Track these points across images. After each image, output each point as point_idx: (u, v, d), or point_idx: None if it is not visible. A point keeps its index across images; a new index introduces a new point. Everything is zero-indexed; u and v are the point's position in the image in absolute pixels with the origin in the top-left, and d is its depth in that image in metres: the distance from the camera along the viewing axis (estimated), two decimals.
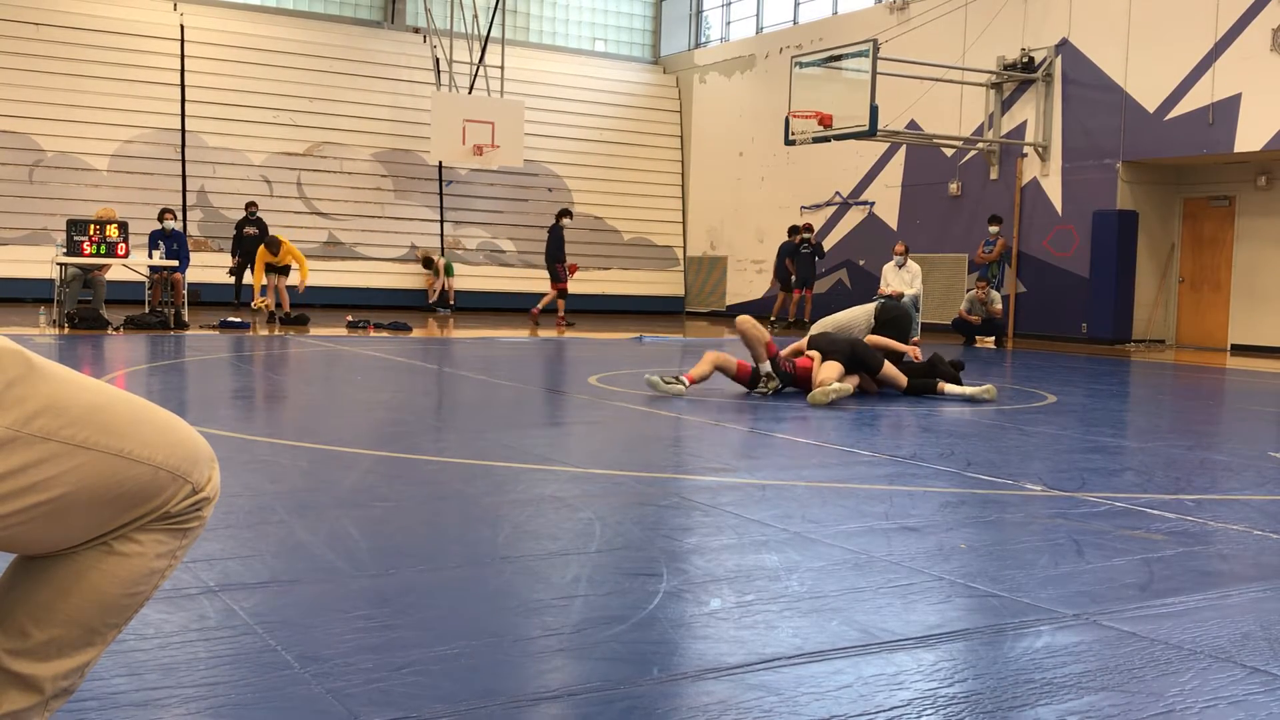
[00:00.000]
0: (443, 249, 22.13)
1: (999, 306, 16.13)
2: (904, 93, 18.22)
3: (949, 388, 8.28)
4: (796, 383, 8.24)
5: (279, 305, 16.16)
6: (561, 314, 17.77)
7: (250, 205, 18.61)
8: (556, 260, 17.68)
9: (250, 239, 18.20)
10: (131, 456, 1.51)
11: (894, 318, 8.69)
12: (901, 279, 16.30)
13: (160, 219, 15.04)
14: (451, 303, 20.94)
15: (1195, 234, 16.87)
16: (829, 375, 7.85)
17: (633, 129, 25.09)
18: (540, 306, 17.84)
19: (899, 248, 16.50)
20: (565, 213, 17.98)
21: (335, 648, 2.42)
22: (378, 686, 2.21)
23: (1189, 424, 7.51)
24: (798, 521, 3.85)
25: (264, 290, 16.24)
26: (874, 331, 8.57)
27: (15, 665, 1.52)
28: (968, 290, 16.86)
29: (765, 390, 8.07)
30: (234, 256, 18.63)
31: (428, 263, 21.22)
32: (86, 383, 1.50)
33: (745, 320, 8.15)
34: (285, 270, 16.29)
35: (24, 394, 1.40)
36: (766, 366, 8.11)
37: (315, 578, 2.98)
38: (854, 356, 8.17)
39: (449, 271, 21.12)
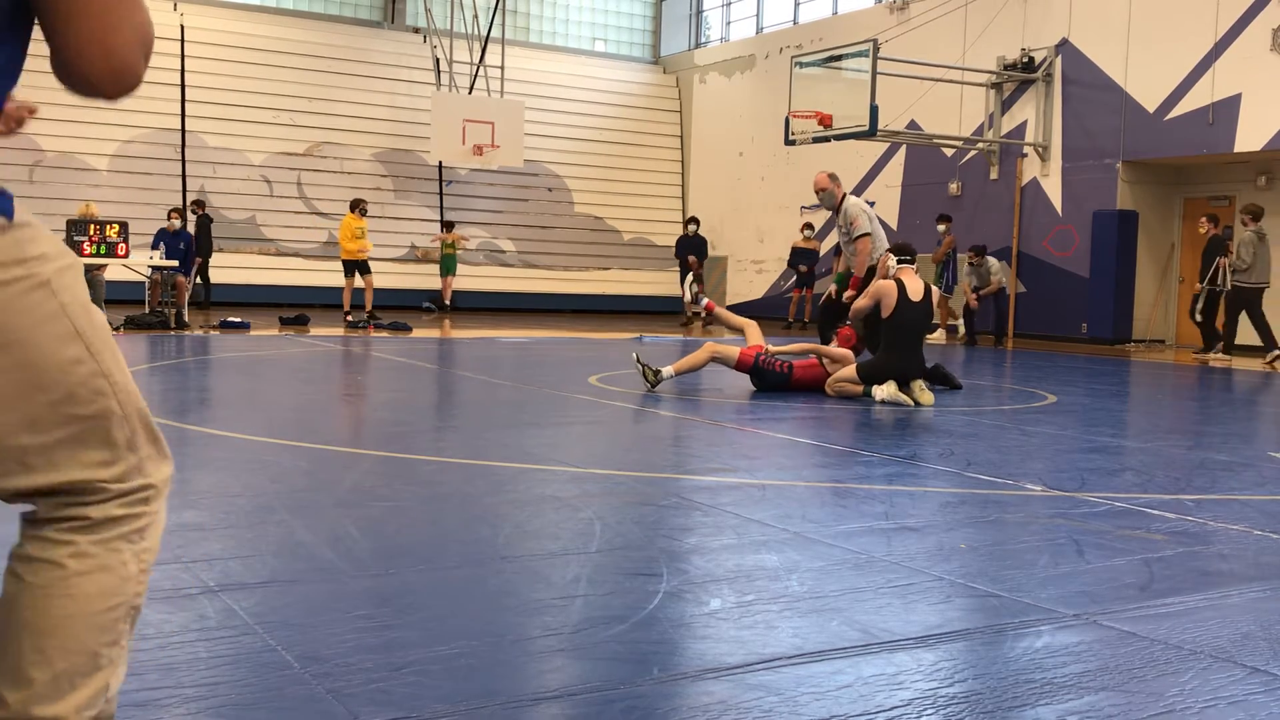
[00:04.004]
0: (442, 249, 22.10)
1: (999, 277, 15.99)
2: (904, 93, 18.21)
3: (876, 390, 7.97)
4: (792, 384, 8.21)
5: (359, 306, 16.05)
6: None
7: (194, 204, 18.48)
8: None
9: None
10: (112, 380, 1.52)
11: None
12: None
13: (169, 217, 15.11)
14: (448, 302, 20.68)
15: (1195, 234, 16.86)
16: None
17: (633, 129, 25.09)
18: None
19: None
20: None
21: (335, 648, 2.42)
22: (378, 686, 2.21)
23: (1189, 424, 7.50)
24: (798, 521, 3.85)
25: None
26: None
27: (36, 711, 1.49)
28: (967, 275, 16.53)
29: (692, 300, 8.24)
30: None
31: (449, 226, 20.81)
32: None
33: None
34: (363, 267, 16.14)
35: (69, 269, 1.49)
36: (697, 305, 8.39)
37: (315, 578, 2.98)
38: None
39: (450, 269, 20.79)
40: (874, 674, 2.38)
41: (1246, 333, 15.33)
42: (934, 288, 8.33)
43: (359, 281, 16.28)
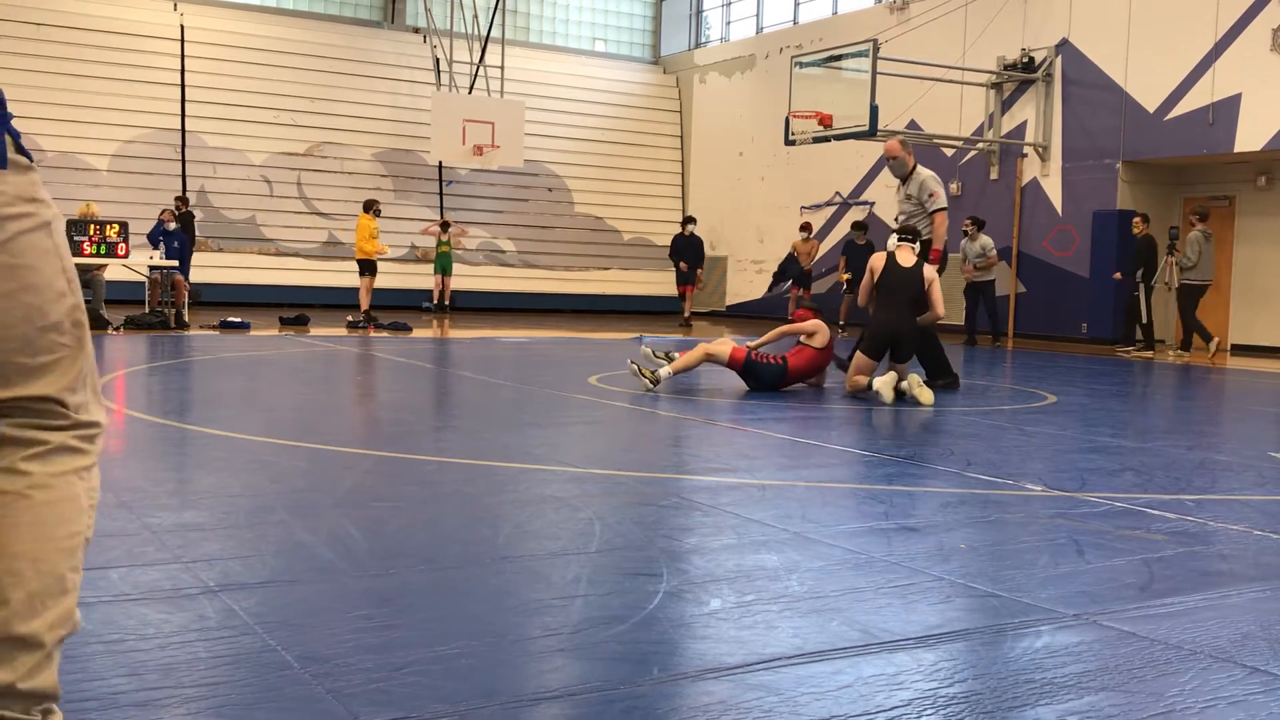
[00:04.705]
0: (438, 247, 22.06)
1: (994, 253, 15.79)
2: (904, 93, 18.21)
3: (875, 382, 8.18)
4: (789, 376, 8.25)
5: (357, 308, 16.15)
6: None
7: (178, 201, 17.98)
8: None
9: None
10: (85, 319, 1.68)
11: None
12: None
13: (160, 217, 15.09)
14: (448, 303, 20.54)
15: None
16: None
17: (633, 129, 25.09)
18: None
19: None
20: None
21: (335, 648, 2.42)
22: (378, 686, 2.21)
23: (1189, 424, 7.50)
24: (798, 521, 3.85)
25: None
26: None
27: (16, 628, 1.60)
28: (964, 246, 16.17)
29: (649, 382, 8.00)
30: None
31: (445, 226, 20.54)
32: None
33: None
34: (371, 268, 16.24)
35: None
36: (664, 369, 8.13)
37: (315, 578, 2.98)
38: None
39: (446, 269, 20.63)
40: (874, 674, 2.38)
41: (1248, 333, 15.32)
42: (928, 267, 8.39)
43: (363, 282, 16.34)
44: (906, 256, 8.26)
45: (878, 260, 8.27)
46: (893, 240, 8.41)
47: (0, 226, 1.55)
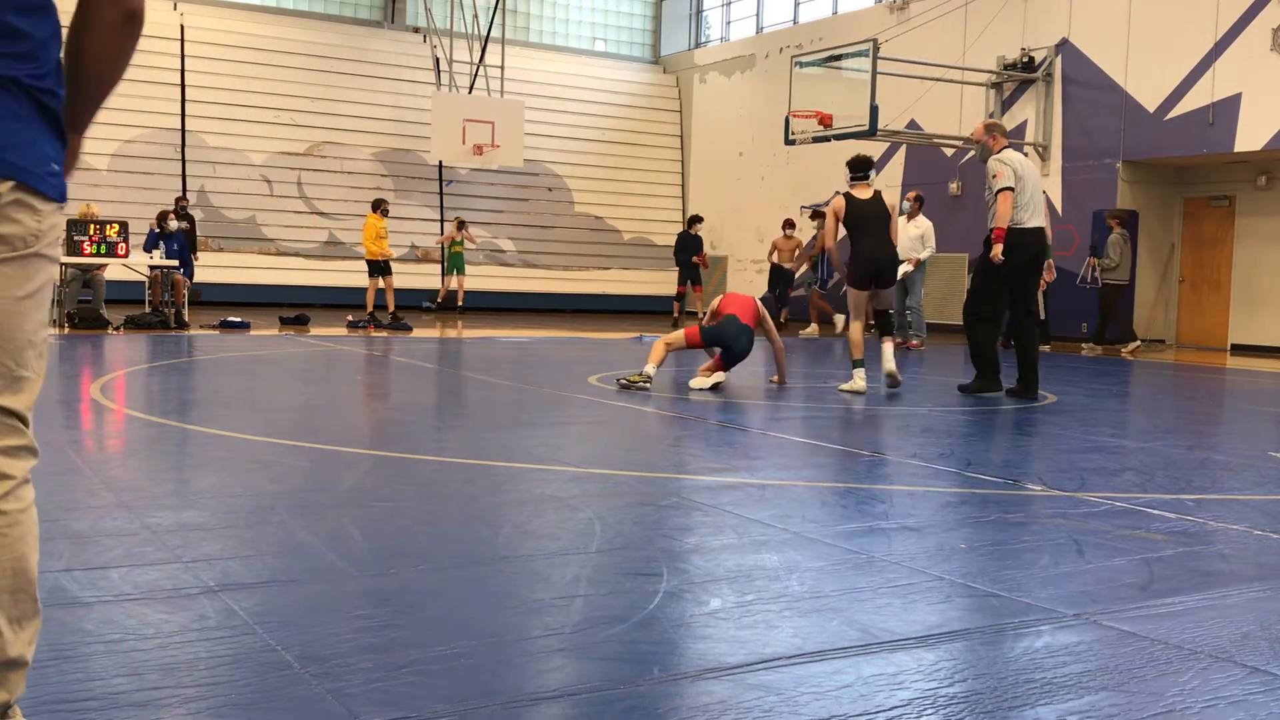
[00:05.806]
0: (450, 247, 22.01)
1: None
2: (904, 93, 18.20)
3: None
4: (748, 325, 8.39)
5: (381, 307, 16.12)
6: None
7: (179, 200, 17.53)
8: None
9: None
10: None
11: None
12: (908, 234, 14.06)
13: (164, 219, 15.04)
14: (460, 303, 20.36)
15: (1195, 234, 16.86)
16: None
17: (633, 129, 25.08)
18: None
19: (910, 195, 14.62)
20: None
21: (335, 648, 2.42)
22: (378, 686, 2.21)
23: (1189, 424, 7.50)
24: (798, 521, 3.85)
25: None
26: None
27: (7, 654, 1.71)
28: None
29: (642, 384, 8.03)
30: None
31: (461, 225, 20.43)
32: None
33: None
34: (385, 268, 16.25)
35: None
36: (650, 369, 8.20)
37: (315, 578, 2.98)
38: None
39: (459, 269, 20.44)
40: (874, 674, 2.38)
41: (1248, 333, 15.31)
42: (888, 197, 8.63)
43: (382, 282, 16.38)
44: (863, 190, 8.46)
45: (838, 202, 8.42)
46: (847, 177, 8.63)
47: (38, 243, 1.70)
